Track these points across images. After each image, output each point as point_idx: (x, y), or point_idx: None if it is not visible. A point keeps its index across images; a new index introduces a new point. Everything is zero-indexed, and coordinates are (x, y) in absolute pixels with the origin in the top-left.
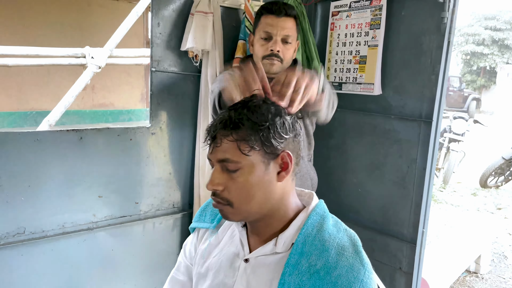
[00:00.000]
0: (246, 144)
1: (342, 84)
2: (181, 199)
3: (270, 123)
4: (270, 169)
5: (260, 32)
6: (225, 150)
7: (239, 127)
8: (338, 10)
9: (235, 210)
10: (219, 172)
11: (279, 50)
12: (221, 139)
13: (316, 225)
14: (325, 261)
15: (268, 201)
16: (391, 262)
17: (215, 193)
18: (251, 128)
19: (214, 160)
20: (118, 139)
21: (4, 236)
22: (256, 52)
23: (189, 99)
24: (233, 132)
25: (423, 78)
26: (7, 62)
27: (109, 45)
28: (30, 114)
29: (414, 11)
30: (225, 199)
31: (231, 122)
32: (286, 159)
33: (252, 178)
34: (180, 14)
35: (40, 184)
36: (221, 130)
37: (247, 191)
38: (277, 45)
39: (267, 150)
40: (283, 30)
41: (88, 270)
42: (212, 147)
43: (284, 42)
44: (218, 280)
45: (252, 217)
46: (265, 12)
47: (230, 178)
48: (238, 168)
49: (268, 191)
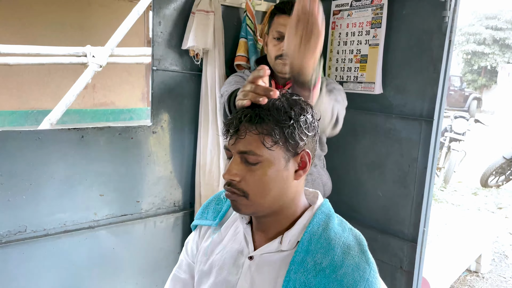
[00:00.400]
0: (270, 139)
1: (343, 83)
2: (182, 197)
3: (295, 120)
4: (289, 166)
5: (273, 32)
6: (249, 143)
7: (265, 121)
8: (339, 9)
9: (249, 202)
10: (237, 163)
11: None
12: (245, 131)
13: (322, 223)
14: (331, 260)
15: (281, 197)
16: (392, 261)
17: (231, 183)
18: (276, 124)
19: (234, 151)
20: (119, 138)
21: (6, 235)
22: (270, 52)
23: (190, 98)
24: (258, 126)
25: (424, 77)
26: (8, 61)
27: (110, 44)
28: (31, 113)
29: (415, 10)
30: (241, 190)
31: (257, 116)
32: (305, 158)
33: (271, 173)
34: (181, 13)
35: (41, 182)
36: (246, 123)
37: (264, 184)
38: None
39: (289, 147)
40: None
41: (89, 269)
42: (235, 138)
43: None
44: (222, 277)
45: (263, 211)
46: (278, 12)
47: (249, 170)
48: (259, 162)
49: (284, 188)
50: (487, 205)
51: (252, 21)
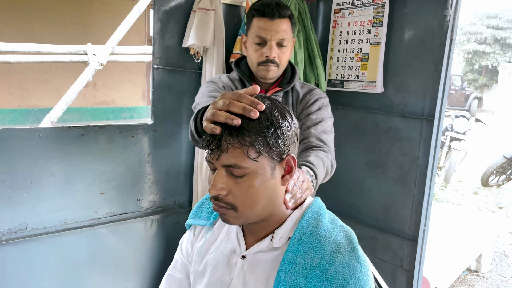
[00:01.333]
0: (253, 150)
1: (344, 82)
2: (182, 196)
3: (277, 127)
4: (276, 173)
5: (254, 36)
6: (233, 156)
7: (246, 132)
8: (340, 8)
9: (238, 214)
10: (222, 176)
11: (275, 56)
12: (227, 145)
13: (312, 222)
14: (321, 259)
15: (271, 205)
16: (392, 260)
17: (218, 197)
18: (258, 133)
19: (218, 165)
20: (119, 136)
21: (6, 232)
22: (251, 57)
23: (190, 96)
24: (240, 139)
25: (425, 76)
26: (8, 59)
27: (111, 42)
28: (32, 111)
29: (416, 8)
30: (229, 203)
31: (237, 129)
32: (291, 162)
33: (258, 183)
34: (182, 11)
35: (42, 180)
36: (227, 136)
37: (253, 195)
38: (272, 51)
39: (274, 155)
40: (277, 34)
41: (89, 267)
42: (217, 153)
43: (279, 46)
44: (216, 277)
45: (253, 220)
46: (256, 14)
47: (235, 182)
48: (245, 174)
49: (272, 195)
50: (488, 205)
51: None
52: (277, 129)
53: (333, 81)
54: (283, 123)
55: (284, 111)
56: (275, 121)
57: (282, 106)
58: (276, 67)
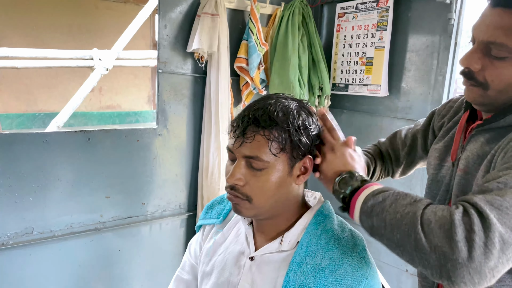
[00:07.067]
0: (277, 145)
1: (349, 85)
2: (187, 200)
3: (303, 126)
4: (293, 172)
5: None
6: (256, 147)
7: (274, 125)
8: (344, 12)
9: (251, 206)
10: (241, 167)
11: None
12: (252, 135)
13: (321, 224)
14: (331, 260)
15: (284, 201)
16: (397, 264)
17: (234, 187)
18: (284, 128)
19: (239, 155)
20: (125, 140)
21: (13, 236)
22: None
23: (195, 101)
24: (266, 131)
25: (430, 80)
26: (16, 64)
27: (117, 47)
28: (38, 115)
29: (421, 12)
30: (245, 194)
31: (266, 119)
32: (307, 164)
33: (275, 178)
34: (186, 16)
35: (48, 184)
36: (253, 125)
37: (269, 189)
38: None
39: (294, 154)
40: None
41: (95, 270)
42: (241, 141)
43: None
44: (224, 278)
45: (264, 214)
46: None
47: (253, 175)
48: (264, 168)
49: (287, 192)
50: None
51: (255, 23)
52: (303, 128)
53: (337, 85)
54: (310, 122)
55: (311, 112)
56: (302, 120)
57: (309, 109)
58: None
